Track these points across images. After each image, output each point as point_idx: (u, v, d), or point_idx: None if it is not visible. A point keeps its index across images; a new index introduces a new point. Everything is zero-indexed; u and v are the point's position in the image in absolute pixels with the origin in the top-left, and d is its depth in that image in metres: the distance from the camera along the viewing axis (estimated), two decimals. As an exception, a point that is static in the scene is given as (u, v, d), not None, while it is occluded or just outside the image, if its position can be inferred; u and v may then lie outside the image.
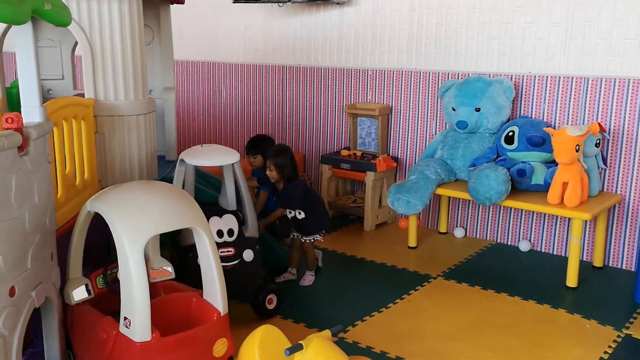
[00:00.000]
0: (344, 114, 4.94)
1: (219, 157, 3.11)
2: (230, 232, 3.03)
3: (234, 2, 5.25)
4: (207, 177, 3.99)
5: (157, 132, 4.09)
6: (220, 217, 3.04)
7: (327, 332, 2.23)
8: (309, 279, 3.56)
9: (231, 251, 3.01)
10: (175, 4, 4.47)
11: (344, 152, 4.68)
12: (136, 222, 2.19)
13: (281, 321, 3.08)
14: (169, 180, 3.79)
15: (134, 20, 3.19)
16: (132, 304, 2.12)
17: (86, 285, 2.46)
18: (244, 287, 3.11)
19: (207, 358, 2.27)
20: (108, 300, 2.50)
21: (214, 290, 2.38)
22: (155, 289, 2.56)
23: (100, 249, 2.85)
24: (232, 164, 3.11)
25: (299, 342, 2.10)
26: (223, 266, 2.84)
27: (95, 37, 3.08)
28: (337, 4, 4.84)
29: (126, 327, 2.14)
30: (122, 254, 2.14)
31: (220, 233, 2.99)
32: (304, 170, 5.24)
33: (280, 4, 5.14)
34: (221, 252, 2.94)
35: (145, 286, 2.12)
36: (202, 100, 6.11)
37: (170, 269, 2.64)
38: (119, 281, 2.22)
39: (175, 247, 3.11)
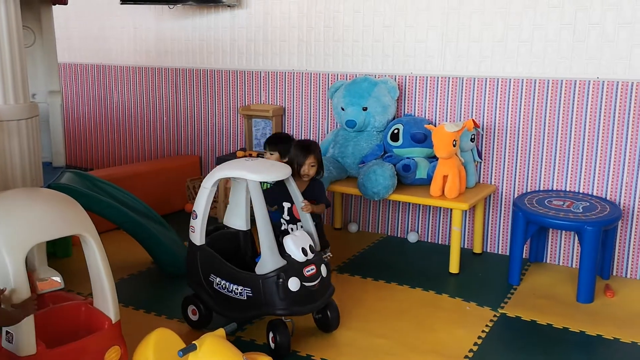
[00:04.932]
0: (238, 115, 4.98)
1: (280, 170, 2.88)
2: (311, 249, 2.84)
3: (121, 3, 5.13)
4: (110, 190, 3.88)
5: (43, 138, 3.93)
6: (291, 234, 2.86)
7: (220, 331, 2.27)
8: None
9: (314, 269, 2.81)
10: (57, 5, 4.30)
11: (240, 153, 4.71)
12: (16, 229, 2.12)
13: (178, 323, 3.08)
14: (57, 187, 3.67)
15: (11, 21, 3.05)
16: (15, 317, 2.06)
17: (-36, 301, 2.35)
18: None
19: (98, 367, 2.25)
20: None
21: (105, 298, 2.35)
22: (42, 300, 2.49)
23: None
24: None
25: (193, 342, 2.13)
26: (309, 286, 2.76)
27: (-34, 39, 2.92)
28: (228, 6, 4.87)
29: (9, 341, 2.08)
30: (1, 265, 2.07)
31: (304, 251, 2.79)
32: (201, 173, 5.23)
33: (171, 6, 5.09)
34: (308, 271, 2.78)
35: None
36: (93, 104, 5.91)
37: (59, 279, 2.57)
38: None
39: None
